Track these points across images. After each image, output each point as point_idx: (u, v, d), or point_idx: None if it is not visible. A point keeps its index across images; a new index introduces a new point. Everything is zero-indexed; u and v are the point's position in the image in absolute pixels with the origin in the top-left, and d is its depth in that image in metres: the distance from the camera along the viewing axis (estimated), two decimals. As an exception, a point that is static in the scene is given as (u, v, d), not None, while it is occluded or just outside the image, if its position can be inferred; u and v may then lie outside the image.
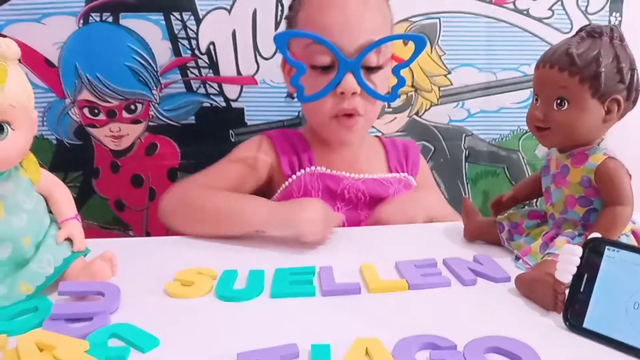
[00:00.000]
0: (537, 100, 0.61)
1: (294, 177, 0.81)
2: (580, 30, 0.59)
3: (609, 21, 1.04)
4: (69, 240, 0.57)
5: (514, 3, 1.03)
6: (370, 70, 0.75)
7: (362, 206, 0.81)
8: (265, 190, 0.83)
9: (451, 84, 1.06)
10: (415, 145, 0.91)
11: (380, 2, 0.78)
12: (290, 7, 0.82)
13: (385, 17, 0.78)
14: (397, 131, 1.07)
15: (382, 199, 0.81)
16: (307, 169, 0.81)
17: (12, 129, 0.50)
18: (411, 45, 0.77)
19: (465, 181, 1.11)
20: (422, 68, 1.05)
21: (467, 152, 1.09)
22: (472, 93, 1.07)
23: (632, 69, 0.57)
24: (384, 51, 0.76)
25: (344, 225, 0.75)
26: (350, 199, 0.80)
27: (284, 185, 0.82)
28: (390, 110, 1.06)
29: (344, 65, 0.72)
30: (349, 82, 0.73)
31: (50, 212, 0.58)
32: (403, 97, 1.06)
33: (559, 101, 0.58)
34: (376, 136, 0.92)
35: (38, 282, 0.54)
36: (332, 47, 0.71)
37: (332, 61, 0.73)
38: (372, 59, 0.74)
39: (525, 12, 1.04)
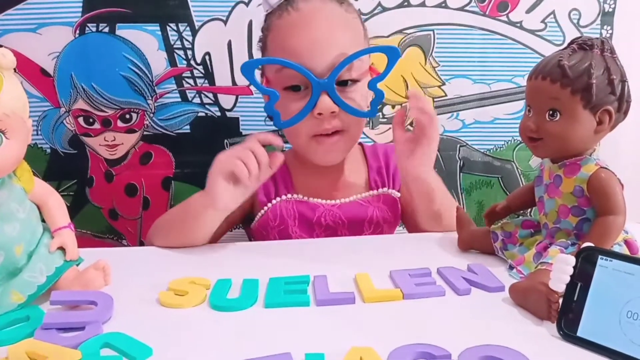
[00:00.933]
0: (529, 111, 0.61)
1: (269, 205, 0.80)
2: (572, 42, 0.60)
3: (601, 34, 1.05)
4: (62, 249, 0.57)
5: (507, 15, 1.04)
6: (345, 85, 0.73)
7: (341, 230, 0.80)
8: (251, 217, 0.83)
9: (445, 95, 1.07)
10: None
11: (349, 18, 0.76)
12: (262, 30, 0.80)
13: (355, 33, 0.76)
14: (391, 141, 1.07)
15: (361, 220, 0.80)
16: (283, 197, 0.80)
17: (6, 137, 0.51)
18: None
19: (459, 191, 1.11)
20: (417, 79, 1.05)
21: (461, 163, 1.10)
22: (466, 104, 1.07)
23: (623, 81, 0.58)
24: (358, 65, 0.73)
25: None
26: (328, 224, 0.80)
27: (260, 213, 0.81)
28: (384, 120, 1.07)
29: (317, 86, 0.70)
30: (325, 102, 0.71)
31: (43, 220, 0.58)
32: (398, 107, 1.07)
33: (551, 112, 0.58)
34: (359, 144, 0.89)
35: (30, 291, 0.54)
36: (302, 70, 0.69)
37: (305, 83, 0.72)
38: (346, 73, 0.72)
39: (518, 25, 1.05)
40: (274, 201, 0.80)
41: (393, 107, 1.06)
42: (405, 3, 1.02)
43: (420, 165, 0.74)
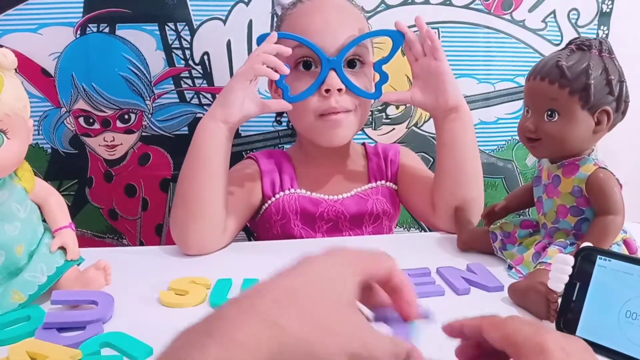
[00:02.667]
0: (528, 111, 0.62)
1: (273, 199, 0.81)
2: (570, 43, 0.60)
3: (597, 34, 1.05)
4: (63, 249, 0.57)
5: (511, 14, 1.04)
6: (353, 68, 0.77)
7: (343, 223, 0.82)
8: (255, 212, 0.83)
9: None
10: (394, 146, 0.91)
11: (356, 12, 0.80)
12: (277, 22, 0.84)
13: (361, 26, 0.78)
14: (396, 142, 1.07)
15: (362, 213, 0.82)
16: (287, 191, 0.81)
17: (7, 137, 0.51)
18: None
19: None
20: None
21: None
22: (471, 104, 1.06)
23: (621, 81, 0.58)
24: (364, 52, 0.77)
25: None
26: (330, 218, 0.81)
27: (264, 207, 0.82)
28: (388, 121, 1.07)
29: (327, 63, 0.73)
30: (333, 78, 0.74)
31: (44, 220, 0.58)
32: (402, 108, 1.06)
33: (549, 113, 0.59)
34: (362, 143, 0.91)
35: (31, 291, 0.54)
36: (314, 47, 0.73)
37: (315, 63, 0.75)
38: (353, 56, 0.76)
39: (521, 24, 1.05)
40: (277, 195, 0.81)
41: (397, 107, 1.06)
42: (409, 0, 1.01)
43: (452, 92, 0.76)
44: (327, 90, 0.74)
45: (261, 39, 0.74)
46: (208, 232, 0.71)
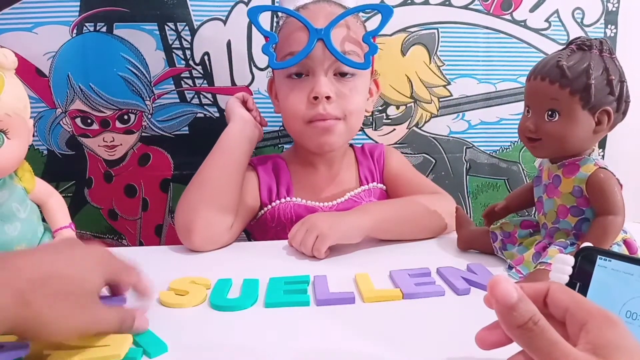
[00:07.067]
0: (528, 111, 0.62)
1: (269, 206, 0.82)
2: (571, 43, 0.61)
3: (605, 33, 1.05)
4: (63, 249, 0.57)
5: (511, 14, 1.04)
6: (344, 76, 0.77)
7: None
8: (253, 216, 0.84)
9: (451, 95, 1.06)
10: (379, 147, 0.91)
11: (351, 19, 0.79)
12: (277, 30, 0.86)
13: (356, 31, 0.79)
14: (396, 143, 1.07)
15: None
16: (283, 200, 0.82)
17: (7, 137, 0.51)
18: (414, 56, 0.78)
19: (466, 194, 1.10)
20: (421, 79, 1.05)
21: (467, 165, 1.09)
22: (472, 104, 1.07)
23: (622, 81, 0.58)
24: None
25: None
26: None
27: (260, 213, 0.83)
28: (389, 121, 1.07)
29: (314, 33, 0.74)
30: (322, 86, 0.74)
31: (44, 220, 0.58)
32: (402, 108, 1.06)
33: (550, 113, 0.59)
34: (350, 145, 0.92)
35: (31, 291, 0.53)
36: (303, 19, 0.74)
37: (306, 72, 0.76)
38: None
39: (522, 24, 1.05)
40: (273, 203, 0.82)
41: (397, 107, 1.06)
42: (409, 1, 1.01)
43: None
44: (316, 98, 0.75)
45: (251, 12, 0.77)
46: (216, 219, 0.72)
